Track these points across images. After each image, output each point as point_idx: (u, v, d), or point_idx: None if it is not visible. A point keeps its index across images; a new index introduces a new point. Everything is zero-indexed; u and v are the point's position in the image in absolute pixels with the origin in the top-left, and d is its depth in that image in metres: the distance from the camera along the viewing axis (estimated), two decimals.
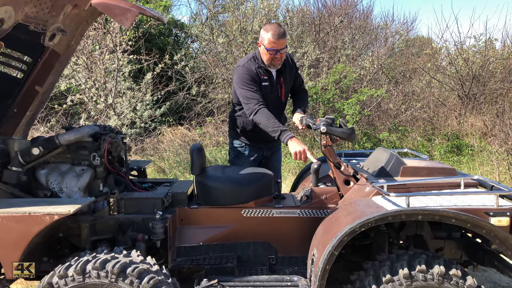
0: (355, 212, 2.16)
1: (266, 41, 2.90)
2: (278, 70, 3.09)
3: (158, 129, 8.24)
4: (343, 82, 7.77)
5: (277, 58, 2.95)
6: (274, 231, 2.64)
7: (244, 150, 3.30)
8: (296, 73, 3.28)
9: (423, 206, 2.08)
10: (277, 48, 2.89)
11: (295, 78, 3.28)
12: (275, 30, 2.87)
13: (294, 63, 3.27)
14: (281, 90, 3.14)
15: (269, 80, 3.05)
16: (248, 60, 3.06)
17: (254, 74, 2.98)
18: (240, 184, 2.64)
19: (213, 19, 9.59)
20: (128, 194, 2.60)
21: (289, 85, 3.22)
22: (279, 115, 3.24)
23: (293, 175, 6.90)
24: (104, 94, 7.13)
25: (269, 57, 2.95)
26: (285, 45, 2.94)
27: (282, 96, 3.17)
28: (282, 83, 3.12)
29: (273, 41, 2.87)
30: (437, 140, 8.05)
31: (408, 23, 12.38)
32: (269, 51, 2.90)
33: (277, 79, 3.10)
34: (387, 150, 2.74)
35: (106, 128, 2.86)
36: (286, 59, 3.15)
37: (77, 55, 6.98)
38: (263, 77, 3.02)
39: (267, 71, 3.04)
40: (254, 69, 3.00)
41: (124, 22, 2.66)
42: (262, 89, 3.02)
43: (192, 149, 2.66)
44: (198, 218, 2.65)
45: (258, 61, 3.03)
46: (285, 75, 3.14)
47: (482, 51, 9.03)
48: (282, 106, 3.26)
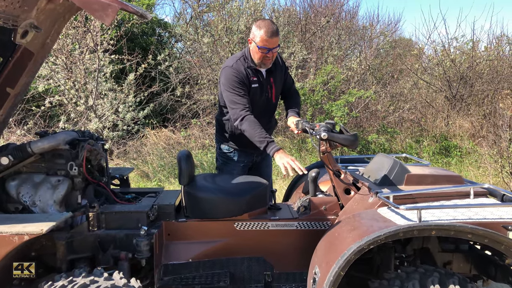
0: (361, 226, 1.97)
1: (258, 39, 2.72)
2: (268, 69, 2.90)
3: (141, 132, 7.95)
4: (331, 83, 7.63)
5: (269, 57, 2.78)
6: (270, 246, 2.43)
7: (233, 155, 3.10)
8: (286, 73, 3.10)
9: (436, 220, 1.90)
10: (270, 47, 2.72)
11: (285, 78, 3.10)
12: (268, 27, 2.69)
13: (284, 62, 3.09)
14: (271, 91, 2.96)
15: (259, 81, 2.87)
16: (237, 60, 2.86)
17: (243, 76, 2.80)
18: (233, 195, 2.42)
19: (198, 19, 9.35)
20: (109, 207, 2.36)
21: (279, 86, 3.03)
22: (269, 118, 3.06)
23: (283, 180, 6.72)
24: (85, 95, 6.82)
25: (261, 56, 2.77)
26: (278, 44, 2.77)
27: (272, 98, 2.98)
28: (272, 84, 2.94)
29: (266, 39, 2.69)
30: (426, 142, 7.97)
31: (393, 24, 12.35)
32: (261, 49, 2.73)
33: (267, 79, 2.92)
34: (390, 156, 2.57)
35: (85, 133, 2.61)
36: (277, 59, 2.99)
37: (55, 55, 6.66)
38: (252, 79, 2.84)
39: (257, 71, 2.86)
40: (243, 70, 2.82)
41: (105, 19, 2.44)
42: (252, 91, 2.83)
43: (180, 156, 2.44)
44: (187, 233, 2.43)
45: (247, 61, 2.85)
46: (275, 75, 2.97)
47: (469, 52, 9.01)
48: (272, 108, 3.07)
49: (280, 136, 7.88)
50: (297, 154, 7.35)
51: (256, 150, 3.06)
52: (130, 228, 2.28)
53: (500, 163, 5.28)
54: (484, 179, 5.71)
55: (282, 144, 7.69)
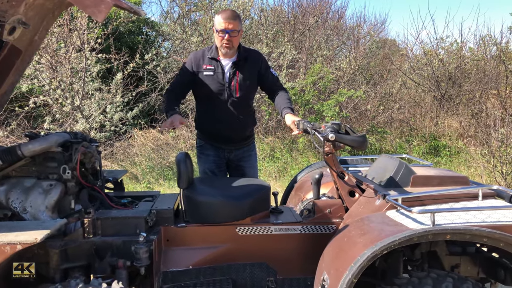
0: (372, 231, 1.90)
1: (216, 23, 2.83)
2: (234, 62, 2.89)
3: (129, 133, 7.78)
4: (321, 83, 7.58)
5: (227, 41, 2.80)
6: (273, 251, 2.34)
7: (202, 149, 3.10)
8: (265, 71, 3.00)
9: (450, 223, 1.84)
10: (226, 28, 2.77)
11: (265, 76, 3.00)
12: (226, 12, 2.83)
13: (264, 60, 3.02)
14: (234, 84, 2.91)
15: (214, 70, 2.89)
16: (204, 49, 3.01)
17: (195, 61, 2.92)
18: (234, 198, 2.33)
19: (185, 18, 9.21)
20: (105, 212, 2.24)
21: (248, 81, 2.95)
22: (238, 113, 2.96)
23: (273, 179, 6.64)
24: (71, 95, 6.63)
25: (220, 40, 2.82)
26: (237, 29, 2.81)
27: (236, 91, 2.91)
28: (236, 77, 2.90)
29: (222, 21, 2.77)
30: (415, 142, 7.99)
31: (379, 24, 12.39)
32: (218, 32, 2.80)
33: (231, 72, 2.90)
34: (394, 157, 2.51)
35: (78, 135, 2.48)
36: (251, 54, 3.00)
37: (40, 54, 6.46)
38: (206, 66, 2.90)
39: (216, 61, 2.90)
40: (200, 56, 2.94)
41: (97, 15, 2.33)
42: (202, 78, 2.90)
43: (179, 159, 2.33)
44: (187, 238, 2.32)
45: (211, 51, 2.93)
46: (243, 69, 2.92)
47: (457, 52, 9.07)
48: (238, 102, 2.95)
49: (271, 137, 7.80)
50: (288, 155, 7.28)
51: (227, 145, 3.05)
52: (127, 234, 2.16)
53: (493, 163, 5.29)
54: (476, 179, 5.72)
55: (273, 145, 7.62)
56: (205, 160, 3.07)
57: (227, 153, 3.08)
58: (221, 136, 3.00)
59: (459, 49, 9.11)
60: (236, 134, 3.04)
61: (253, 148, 3.23)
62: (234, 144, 3.06)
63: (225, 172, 3.16)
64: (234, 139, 3.05)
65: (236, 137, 3.05)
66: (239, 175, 3.10)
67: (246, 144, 3.14)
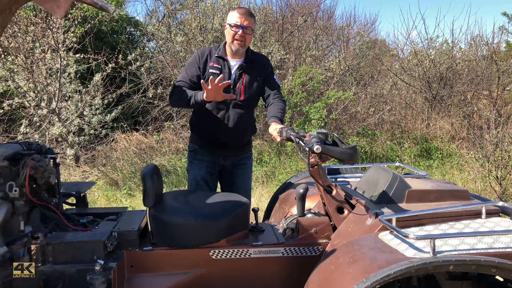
0: (363, 259, 1.64)
1: (230, 17, 2.68)
2: (241, 64, 2.75)
3: (111, 136, 7.46)
4: (310, 85, 7.34)
5: (240, 36, 2.66)
6: (252, 276, 2.07)
7: (196, 153, 2.86)
8: (269, 77, 2.86)
9: (453, 251, 1.59)
10: (241, 24, 2.64)
11: (267, 82, 2.84)
12: (243, 8, 2.72)
13: (270, 66, 2.89)
14: (240, 86, 2.73)
15: (221, 70, 2.74)
16: (212, 47, 2.85)
17: (202, 58, 2.76)
18: (207, 218, 2.05)
19: (171, 17, 8.91)
20: (58, 236, 1.95)
21: (253, 85, 2.78)
22: (239, 117, 2.74)
23: (261, 184, 6.37)
24: (48, 98, 6.30)
25: (232, 35, 2.67)
26: (252, 27, 2.69)
27: (240, 94, 2.73)
28: (242, 79, 2.75)
29: (238, 16, 2.64)
30: (406, 144, 7.79)
31: (369, 24, 12.20)
32: (232, 26, 2.66)
33: (237, 73, 2.75)
34: (387, 169, 2.25)
35: (32, 146, 2.20)
36: (259, 58, 2.87)
37: (14, 54, 6.12)
38: (212, 64, 2.75)
39: (224, 60, 2.75)
40: (207, 53, 2.78)
41: (56, 11, 2.09)
42: (206, 76, 2.71)
43: (144, 173, 2.05)
44: (154, 263, 2.04)
45: (219, 50, 2.78)
46: (250, 72, 2.78)
47: (448, 52, 8.89)
48: (240, 107, 2.75)
49: (258, 140, 7.54)
50: (276, 159, 7.02)
51: (221, 151, 2.83)
52: (83, 261, 1.88)
53: (487, 168, 5.08)
54: (471, 184, 5.52)
55: (261, 148, 7.35)
56: (198, 166, 2.85)
57: (222, 160, 2.87)
58: (218, 140, 2.79)
59: (450, 50, 8.94)
60: (234, 140, 2.84)
61: (250, 157, 3.01)
62: (230, 150, 2.86)
63: (217, 180, 2.94)
64: (231, 145, 2.84)
65: (234, 143, 2.85)
66: (229, 184, 2.90)
67: (243, 152, 2.93)
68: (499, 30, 9.57)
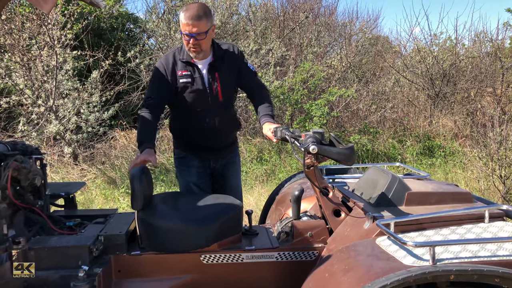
0: (359, 266, 1.56)
1: (180, 24, 2.38)
2: (211, 63, 2.52)
3: (110, 133, 7.39)
4: (311, 82, 7.24)
5: (193, 45, 2.39)
6: (244, 282, 2.00)
7: (186, 160, 2.69)
8: (243, 67, 2.65)
9: (453, 259, 1.50)
10: (191, 32, 2.33)
11: (243, 72, 2.64)
12: (189, 9, 2.33)
13: (241, 54, 2.64)
14: (216, 87, 2.54)
15: (192, 76, 2.49)
16: (173, 51, 2.57)
17: (169, 69, 2.50)
18: (198, 222, 1.96)
19: (171, 13, 8.82)
20: (41, 240, 1.88)
21: (229, 82, 2.60)
22: (222, 119, 2.61)
23: (260, 183, 6.29)
24: (45, 95, 6.23)
25: (186, 43, 2.43)
26: (204, 30, 2.35)
27: (219, 95, 2.55)
28: (217, 79, 2.53)
29: (185, 23, 2.32)
30: (409, 142, 7.68)
31: (372, 21, 12.06)
32: (183, 35, 2.39)
33: (209, 75, 2.52)
34: (386, 170, 2.17)
35: (17, 146, 2.12)
36: (227, 51, 2.59)
37: (11, 51, 6.05)
38: (181, 73, 2.50)
39: (192, 64, 2.50)
40: (171, 62, 2.50)
41: (43, 5, 2.00)
42: (180, 87, 2.50)
43: (133, 175, 1.97)
44: (142, 268, 1.96)
45: (182, 53, 2.52)
46: (221, 69, 2.55)
47: (452, 49, 8.77)
48: (222, 107, 2.60)
49: (259, 137, 7.45)
50: (277, 157, 6.93)
51: (212, 155, 2.70)
52: (68, 267, 1.80)
53: (491, 166, 4.97)
54: (474, 183, 5.41)
55: (260, 146, 7.26)
56: (187, 173, 2.69)
57: (212, 163, 2.73)
58: (205, 146, 2.64)
59: (454, 46, 8.81)
60: (221, 142, 2.70)
61: (237, 153, 2.89)
62: (219, 152, 2.72)
63: (209, 184, 2.79)
64: (219, 147, 2.71)
65: (221, 144, 2.71)
66: (221, 185, 2.77)
67: (230, 151, 2.81)
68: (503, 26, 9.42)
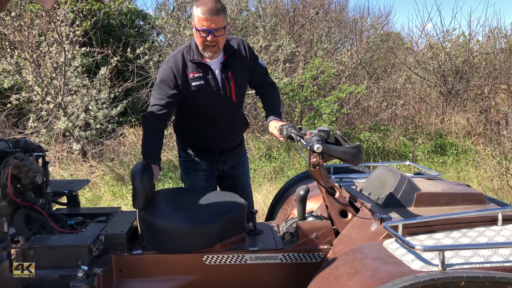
0: (364, 271, 1.50)
1: (196, 19, 2.19)
2: (223, 62, 2.37)
3: (119, 130, 7.40)
4: (321, 78, 7.15)
5: (210, 42, 2.22)
6: (247, 284, 1.95)
7: (193, 164, 2.59)
8: (254, 63, 2.52)
9: (463, 263, 1.43)
10: (209, 28, 2.16)
11: (254, 70, 2.52)
12: (206, 5, 2.14)
13: (251, 50, 2.50)
14: (230, 88, 2.41)
15: (205, 77, 2.33)
16: (180, 52, 2.37)
17: (178, 72, 2.31)
18: (200, 222, 1.92)
19: (180, 10, 8.79)
20: (41, 239, 1.85)
21: (242, 81, 2.47)
22: (233, 120, 2.53)
23: (269, 180, 6.23)
24: (55, 92, 6.25)
25: (201, 41, 2.24)
26: (223, 25, 2.19)
27: (232, 96, 2.42)
28: (230, 79, 2.39)
29: (203, 18, 2.14)
30: (420, 140, 7.56)
31: (383, 17, 11.90)
32: (199, 31, 2.19)
33: (223, 74, 2.38)
34: (395, 170, 2.10)
35: (20, 143, 2.10)
36: (238, 47, 2.44)
37: (21, 48, 6.08)
38: (193, 75, 2.32)
39: (203, 65, 2.33)
40: (181, 64, 2.32)
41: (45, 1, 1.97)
42: (194, 90, 2.34)
43: (134, 172, 1.92)
44: (144, 268, 1.93)
45: (192, 53, 2.33)
46: (234, 67, 2.41)
47: (465, 45, 8.60)
48: (235, 108, 2.50)
49: (267, 135, 7.38)
50: (285, 154, 6.87)
51: (220, 157, 2.60)
52: (67, 267, 1.77)
53: (505, 165, 4.85)
54: (487, 182, 5.29)
55: (269, 143, 7.20)
56: (193, 177, 2.60)
57: (221, 165, 2.64)
58: (214, 149, 2.55)
59: (467, 42, 8.64)
60: (231, 143, 2.63)
61: (245, 153, 2.82)
62: (228, 153, 2.64)
63: (216, 185, 2.71)
64: (228, 149, 2.63)
65: (230, 146, 2.63)
66: (232, 185, 2.68)
67: (239, 151, 2.72)
68: None
